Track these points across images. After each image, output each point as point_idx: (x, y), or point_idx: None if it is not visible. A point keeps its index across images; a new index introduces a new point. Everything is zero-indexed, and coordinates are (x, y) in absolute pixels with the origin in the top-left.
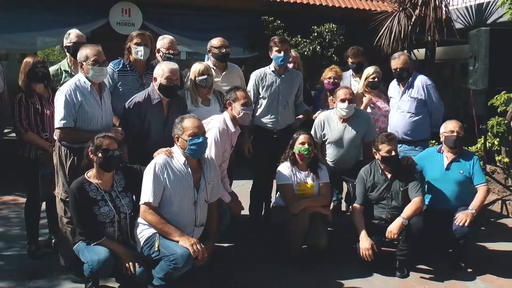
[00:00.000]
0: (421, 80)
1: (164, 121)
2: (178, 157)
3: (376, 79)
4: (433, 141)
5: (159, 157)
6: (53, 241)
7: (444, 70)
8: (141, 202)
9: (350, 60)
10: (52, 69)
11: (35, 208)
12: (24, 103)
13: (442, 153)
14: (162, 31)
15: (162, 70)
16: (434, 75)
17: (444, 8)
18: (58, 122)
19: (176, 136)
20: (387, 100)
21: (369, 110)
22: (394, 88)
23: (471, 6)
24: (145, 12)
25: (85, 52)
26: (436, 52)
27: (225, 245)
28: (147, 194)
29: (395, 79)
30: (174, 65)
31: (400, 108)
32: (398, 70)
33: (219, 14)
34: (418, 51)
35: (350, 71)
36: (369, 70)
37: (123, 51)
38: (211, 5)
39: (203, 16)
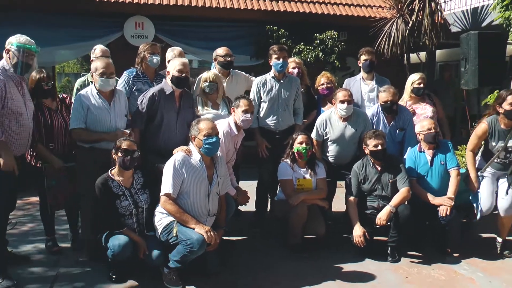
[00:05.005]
0: (406, 113)
1: (176, 110)
2: (195, 155)
3: (421, 85)
4: None
5: (178, 154)
6: (70, 237)
7: (446, 72)
8: (162, 193)
9: (363, 57)
10: (80, 80)
11: (47, 211)
12: (35, 117)
13: (422, 152)
14: (173, 42)
15: (174, 65)
16: (435, 77)
17: (439, 13)
18: (70, 124)
19: (193, 136)
20: (431, 103)
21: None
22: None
23: (467, 10)
24: (157, 25)
25: (96, 64)
26: (438, 54)
27: (234, 238)
28: (167, 186)
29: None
30: (185, 60)
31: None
32: (389, 102)
33: (226, 24)
34: (419, 54)
35: (360, 75)
36: (414, 77)
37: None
38: (219, 17)
39: (211, 27)
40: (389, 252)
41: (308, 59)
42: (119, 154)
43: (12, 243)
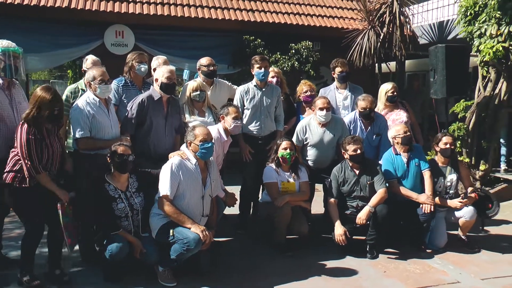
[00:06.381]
0: (382, 119)
1: (164, 116)
2: (190, 159)
3: (394, 93)
4: None
5: (175, 158)
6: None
7: (415, 82)
8: (159, 195)
9: (338, 69)
10: (70, 87)
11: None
12: (39, 137)
13: (398, 154)
14: (153, 50)
15: (162, 72)
16: (405, 86)
17: (408, 26)
18: (76, 133)
19: (189, 141)
20: (404, 109)
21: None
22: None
23: (434, 23)
24: (137, 33)
25: (92, 73)
26: (407, 65)
27: (220, 239)
28: (165, 188)
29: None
30: (172, 67)
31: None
32: (367, 109)
33: (205, 34)
34: (389, 64)
35: (334, 85)
36: (387, 86)
37: (116, 69)
38: (197, 26)
39: (190, 36)
40: (368, 249)
41: (285, 68)
42: (116, 159)
43: (3, 248)
